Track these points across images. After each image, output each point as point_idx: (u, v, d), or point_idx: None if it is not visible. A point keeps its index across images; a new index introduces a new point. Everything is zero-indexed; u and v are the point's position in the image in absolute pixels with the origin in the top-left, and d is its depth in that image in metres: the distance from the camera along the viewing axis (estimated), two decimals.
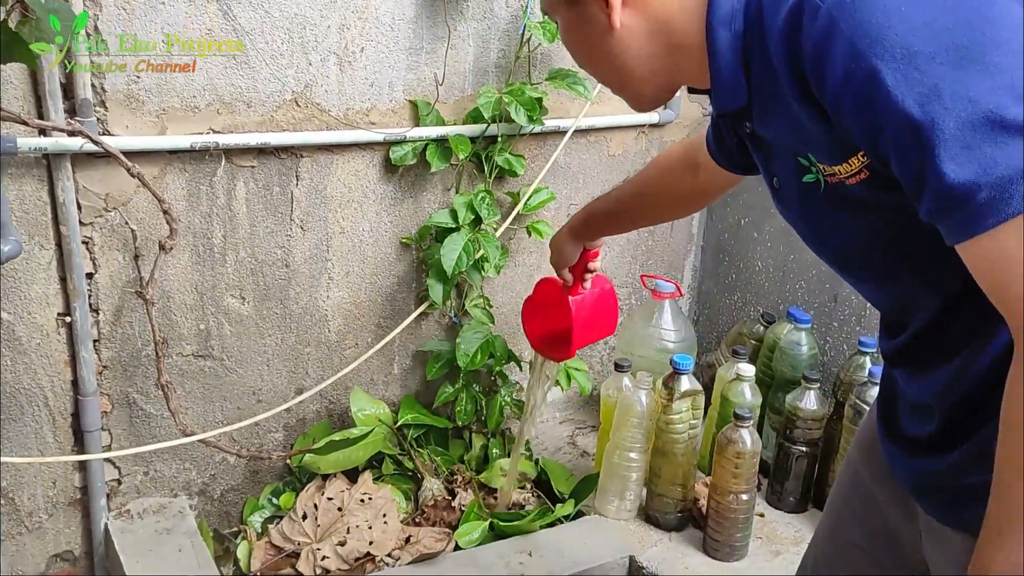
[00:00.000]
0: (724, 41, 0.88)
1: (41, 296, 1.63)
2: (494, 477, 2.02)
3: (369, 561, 1.76)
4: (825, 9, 0.75)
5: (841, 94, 0.75)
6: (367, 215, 1.91)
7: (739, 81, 0.89)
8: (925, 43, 0.71)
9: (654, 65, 0.95)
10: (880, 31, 0.72)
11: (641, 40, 0.93)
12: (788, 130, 0.87)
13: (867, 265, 0.95)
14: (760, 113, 0.91)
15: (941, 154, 0.70)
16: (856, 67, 0.73)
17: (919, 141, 0.71)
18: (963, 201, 0.71)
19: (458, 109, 1.94)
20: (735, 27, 0.87)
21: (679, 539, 1.85)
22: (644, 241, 2.33)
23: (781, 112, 0.86)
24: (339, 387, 2.00)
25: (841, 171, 0.84)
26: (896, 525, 1.07)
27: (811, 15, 0.76)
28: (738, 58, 0.88)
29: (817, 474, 1.93)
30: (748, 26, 0.86)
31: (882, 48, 0.72)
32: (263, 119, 1.72)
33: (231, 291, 1.80)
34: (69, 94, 1.54)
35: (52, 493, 1.76)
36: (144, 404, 1.78)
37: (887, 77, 0.71)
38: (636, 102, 1.03)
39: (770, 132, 0.92)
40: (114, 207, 1.64)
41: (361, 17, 1.76)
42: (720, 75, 0.90)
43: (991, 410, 0.81)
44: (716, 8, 0.88)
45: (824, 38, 0.75)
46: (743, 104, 0.91)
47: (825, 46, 0.75)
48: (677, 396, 1.81)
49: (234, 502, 1.96)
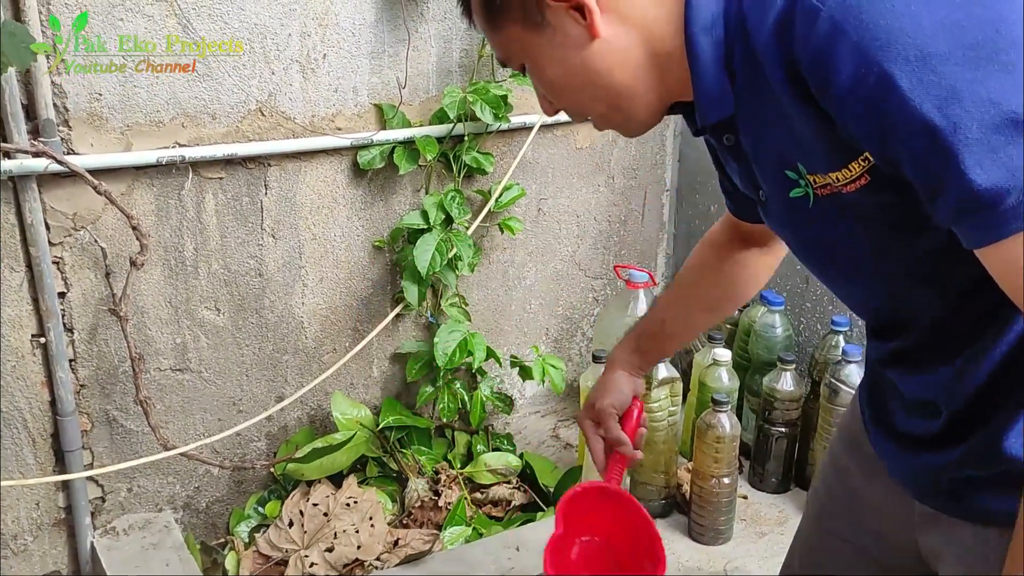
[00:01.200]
0: (706, 48, 0.84)
1: (14, 318, 1.62)
2: (479, 473, 2.03)
3: (358, 566, 1.77)
4: (826, 13, 0.72)
5: (850, 98, 0.72)
6: (338, 220, 1.91)
7: (724, 89, 0.86)
8: (939, 44, 0.68)
9: (641, 77, 0.90)
10: (891, 33, 0.69)
11: (625, 49, 0.88)
12: (780, 137, 0.84)
13: (861, 272, 0.92)
14: (747, 122, 0.88)
15: (966, 158, 0.68)
16: (867, 71, 0.70)
17: (940, 145, 0.68)
18: (990, 205, 0.68)
19: (424, 110, 1.94)
20: (716, 34, 0.84)
21: (664, 525, 1.86)
22: (616, 231, 2.35)
23: (773, 118, 0.83)
24: (319, 393, 2.00)
25: (839, 178, 0.81)
26: (884, 518, 1.06)
27: (808, 18, 0.73)
28: (721, 66, 0.85)
29: (797, 454, 1.96)
30: (730, 32, 0.83)
31: (894, 51, 0.69)
32: (229, 130, 1.72)
33: (206, 303, 1.80)
34: (31, 115, 1.53)
35: (36, 515, 1.76)
36: (124, 421, 1.78)
37: (901, 81, 0.68)
38: (628, 124, 0.98)
39: (758, 142, 0.89)
40: (83, 226, 1.64)
41: (321, 24, 1.76)
42: (704, 84, 0.86)
43: (1001, 402, 0.82)
44: (695, 15, 0.84)
45: (827, 42, 0.72)
46: (729, 113, 0.88)
47: (829, 50, 0.72)
48: (655, 384, 1.82)
49: (220, 513, 1.96)
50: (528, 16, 0.88)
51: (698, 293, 1.31)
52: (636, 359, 1.33)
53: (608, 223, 2.32)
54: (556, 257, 2.26)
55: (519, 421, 2.29)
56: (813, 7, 0.73)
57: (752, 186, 0.95)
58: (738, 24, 0.82)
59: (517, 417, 2.29)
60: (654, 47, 0.88)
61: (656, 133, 2.31)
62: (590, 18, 0.86)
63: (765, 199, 0.94)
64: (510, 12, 0.89)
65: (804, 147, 0.82)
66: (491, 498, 2.00)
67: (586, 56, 0.89)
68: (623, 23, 0.87)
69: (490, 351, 2.03)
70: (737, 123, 0.88)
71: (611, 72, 0.90)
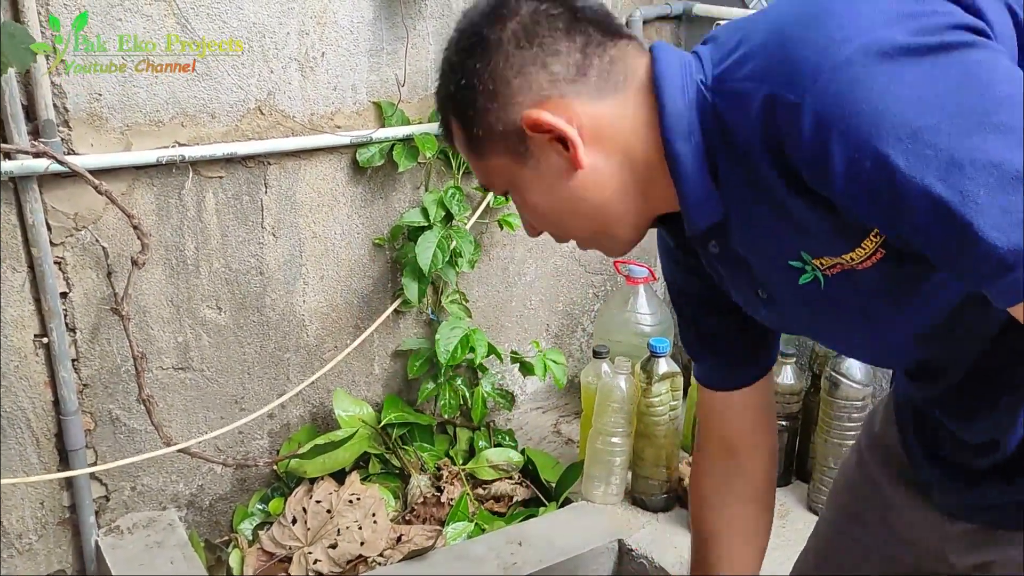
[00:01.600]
0: (687, 156, 0.83)
1: (16, 319, 1.63)
2: (481, 469, 2.04)
3: (361, 562, 1.78)
4: (807, 108, 0.71)
5: (851, 187, 0.71)
6: (338, 218, 1.92)
7: (711, 194, 0.84)
8: (926, 117, 0.67)
9: (625, 199, 0.89)
10: (876, 115, 0.68)
11: (608, 175, 0.87)
12: (779, 231, 0.82)
13: (891, 335, 0.89)
14: (739, 223, 0.86)
15: (981, 225, 0.66)
16: (861, 157, 0.69)
17: (951, 217, 0.67)
18: (1016, 265, 0.66)
19: (423, 107, 1.95)
20: (694, 140, 0.83)
21: (666, 520, 1.87)
22: None
23: (768, 214, 0.81)
24: (321, 390, 2.01)
25: (852, 258, 0.79)
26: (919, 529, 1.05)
27: (790, 115, 0.72)
28: (704, 171, 0.84)
29: (798, 447, 1.96)
30: (708, 136, 0.82)
31: (884, 132, 0.68)
32: (228, 129, 1.73)
33: (207, 302, 1.81)
34: (32, 115, 1.53)
35: (41, 514, 1.76)
36: (127, 420, 1.79)
37: (898, 160, 0.67)
38: (612, 245, 0.97)
39: (753, 241, 0.87)
40: (84, 226, 1.64)
41: (320, 22, 1.77)
42: (689, 191, 0.85)
43: None
44: (670, 124, 0.83)
45: (816, 136, 0.71)
46: (720, 218, 0.86)
47: (820, 144, 0.71)
48: (656, 379, 1.83)
49: (223, 511, 1.97)
50: (511, 147, 0.88)
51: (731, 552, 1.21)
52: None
53: None
54: (556, 253, 2.27)
55: (520, 417, 2.30)
56: (792, 103, 0.72)
57: (750, 289, 0.94)
58: (716, 127, 0.81)
59: (518, 413, 2.30)
60: (636, 167, 0.87)
61: None
62: (573, 151, 0.85)
63: (767, 296, 0.92)
64: (493, 143, 0.89)
65: (808, 236, 0.81)
66: (493, 494, 2.00)
67: (571, 185, 0.88)
68: (604, 150, 0.86)
69: (491, 347, 2.03)
70: (728, 226, 0.87)
71: (596, 199, 0.89)
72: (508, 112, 0.86)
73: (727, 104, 0.80)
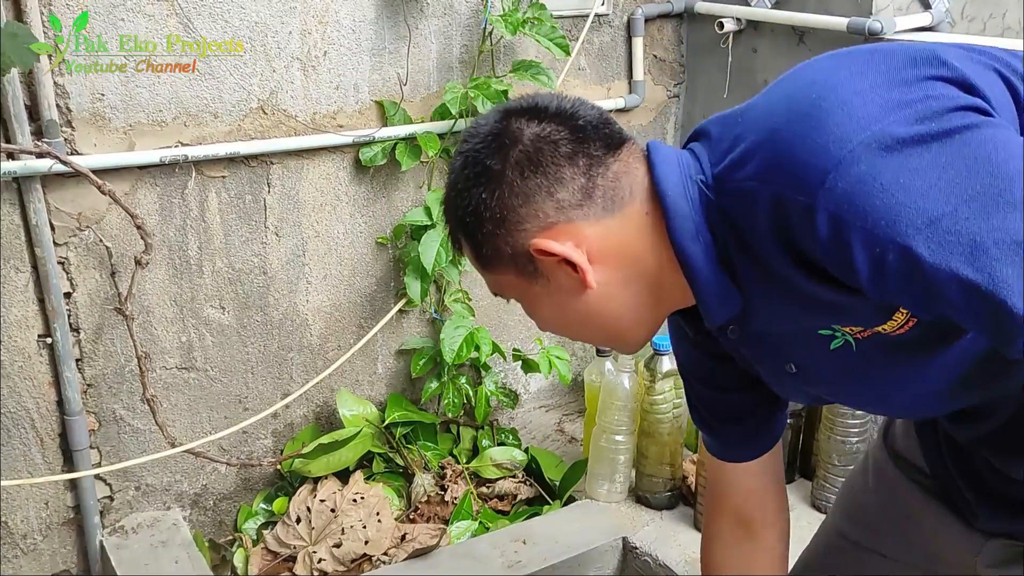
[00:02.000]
0: (697, 256, 0.84)
1: (20, 319, 1.63)
2: (485, 467, 2.04)
3: (366, 561, 1.78)
4: (821, 209, 0.71)
5: (879, 280, 0.71)
6: (341, 217, 1.92)
7: (727, 288, 0.85)
8: (942, 204, 0.67)
9: (638, 308, 0.91)
10: (891, 210, 0.68)
11: (619, 289, 0.88)
12: (806, 313, 0.83)
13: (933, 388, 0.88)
14: (760, 310, 0.86)
15: (1015, 302, 0.66)
16: (883, 251, 0.69)
17: (983, 297, 0.67)
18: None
19: (425, 106, 1.95)
20: (704, 240, 0.83)
21: (670, 517, 1.87)
22: None
23: (791, 301, 0.82)
24: (325, 390, 2.01)
25: (885, 328, 0.80)
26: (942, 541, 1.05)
27: (804, 218, 0.73)
28: (717, 267, 0.84)
29: (802, 445, 1.96)
30: (717, 234, 0.83)
31: (902, 225, 0.68)
32: (231, 129, 1.73)
33: (210, 302, 1.81)
34: (35, 116, 1.54)
35: (45, 514, 1.77)
36: (131, 420, 1.79)
37: (921, 250, 0.68)
38: (625, 347, 0.99)
39: (776, 321, 0.87)
40: (87, 226, 1.65)
41: (322, 21, 1.77)
42: (706, 290, 0.85)
43: None
44: (678, 230, 0.84)
45: (835, 237, 0.71)
46: (738, 310, 0.87)
47: (840, 244, 0.71)
48: (659, 377, 1.83)
49: (228, 511, 1.97)
50: (520, 267, 0.89)
51: None
52: None
53: None
54: None
55: (524, 415, 2.30)
56: (804, 205, 0.72)
57: (779, 364, 0.94)
58: (724, 224, 0.82)
59: (522, 412, 2.30)
60: (647, 275, 0.88)
61: (657, 127, 2.32)
62: (582, 274, 0.86)
63: (797, 369, 0.92)
64: (502, 263, 0.89)
65: (835, 313, 0.81)
66: (497, 492, 2.01)
67: (582, 301, 0.89)
68: (614, 265, 0.87)
69: (495, 345, 2.03)
70: (748, 314, 0.87)
71: (607, 313, 0.90)
72: (516, 237, 0.86)
73: (732, 204, 0.80)
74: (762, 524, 1.15)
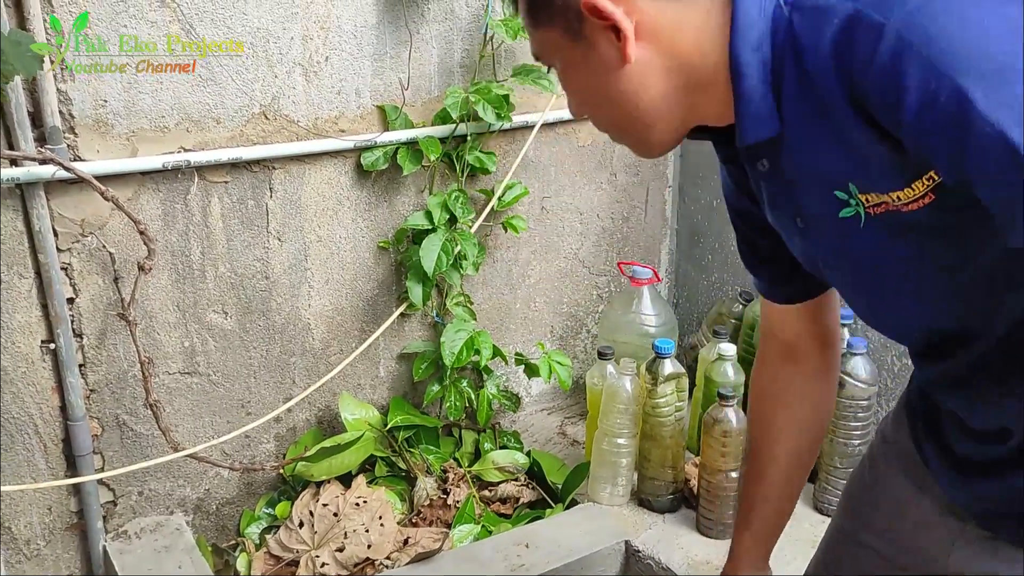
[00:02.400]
0: (752, 67, 0.82)
1: (23, 324, 1.63)
2: (487, 471, 2.05)
3: (369, 565, 1.78)
4: (891, 27, 0.68)
5: (920, 117, 0.68)
6: (343, 222, 1.92)
7: (770, 109, 0.83)
8: (1013, 56, 0.64)
9: (669, 104, 0.88)
10: (962, 46, 0.65)
11: (656, 76, 0.86)
12: (833, 158, 0.81)
13: (928, 290, 0.85)
14: (794, 143, 0.84)
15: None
16: (938, 87, 0.66)
17: (1019, 164, 0.63)
18: None
19: (426, 111, 1.95)
20: (763, 53, 0.81)
21: (672, 520, 1.87)
22: (619, 228, 2.35)
23: (825, 140, 0.80)
24: (327, 394, 2.01)
25: (900, 197, 0.77)
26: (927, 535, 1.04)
27: (871, 35, 0.70)
28: (767, 85, 0.82)
29: None
30: (777, 52, 0.81)
31: (967, 65, 0.65)
32: (233, 134, 1.73)
33: (213, 307, 1.81)
34: (37, 122, 1.54)
35: (49, 519, 1.77)
36: (134, 425, 1.79)
37: (976, 96, 0.64)
38: (643, 145, 0.97)
39: (804, 164, 0.85)
40: (90, 232, 1.65)
41: (323, 27, 1.77)
42: (749, 103, 0.83)
43: None
44: (741, 34, 0.81)
45: (894, 59, 0.68)
46: (775, 133, 0.84)
47: (896, 68, 0.68)
48: (661, 380, 1.83)
49: (230, 515, 1.97)
50: (568, 24, 0.87)
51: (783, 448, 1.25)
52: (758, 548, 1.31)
53: (611, 220, 2.33)
54: (560, 255, 2.27)
55: (526, 419, 2.30)
56: (876, 22, 0.70)
57: (789, 214, 0.93)
58: (788, 43, 0.80)
59: (524, 415, 2.30)
60: (691, 73, 0.86)
61: None
62: (623, 43, 0.84)
63: (804, 225, 0.91)
64: (552, 16, 0.88)
65: (862, 166, 0.79)
66: (499, 496, 2.01)
67: (614, 78, 0.87)
68: (659, 50, 0.85)
69: (496, 349, 2.04)
70: (780, 145, 0.85)
71: (636, 97, 0.88)
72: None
73: (806, 21, 0.78)
74: (806, 354, 1.18)
